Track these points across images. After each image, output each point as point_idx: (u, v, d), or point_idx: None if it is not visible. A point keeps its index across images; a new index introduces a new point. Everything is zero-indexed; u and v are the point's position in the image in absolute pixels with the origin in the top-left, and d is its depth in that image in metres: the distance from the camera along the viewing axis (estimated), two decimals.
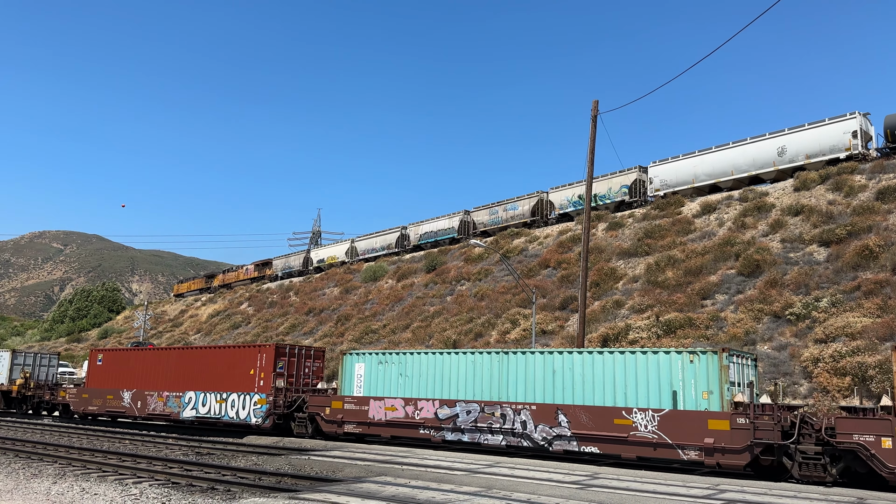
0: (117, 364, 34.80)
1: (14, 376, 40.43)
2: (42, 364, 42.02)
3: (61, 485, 15.01)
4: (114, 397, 33.96)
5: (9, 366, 40.58)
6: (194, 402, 30.25)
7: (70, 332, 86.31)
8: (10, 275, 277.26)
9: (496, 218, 55.78)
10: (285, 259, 76.95)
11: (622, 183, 47.87)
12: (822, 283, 29.71)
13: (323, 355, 31.04)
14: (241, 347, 30.14)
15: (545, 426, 21.09)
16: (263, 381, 27.87)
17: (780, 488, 15.67)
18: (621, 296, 36.14)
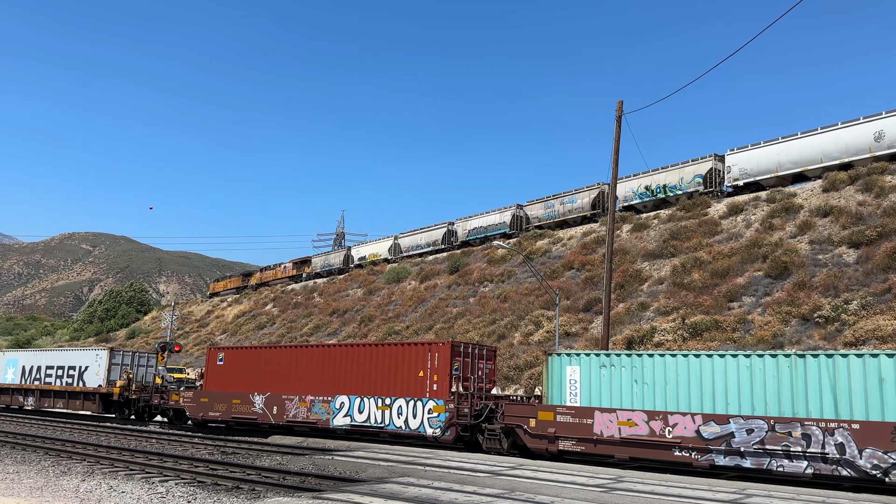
0: (244, 363, 30.19)
1: (112, 377, 36.58)
2: (140, 364, 38.09)
3: (90, 482, 15.23)
4: (242, 402, 29.33)
5: (106, 365, 36.64)
6: (348, 407, 26.01)
7: (99, 332, 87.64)
8: (41, 276, 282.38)
9: (552, 212, 53.05)
10: (325, 257, 75.72)
11: (695, 172, 44.92)
12: (851, 285, 29.21)
13: (495, 355, 27.17)
14: (406, 345, 25.68)
15: (876, 451, 16.17)
16: (438, 385, 23.86)
17: (806, 493, 15.42)
18: (646, 298, 35.84)
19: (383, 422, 24.89)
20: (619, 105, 27.61)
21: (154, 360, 38.62)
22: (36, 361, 40.95)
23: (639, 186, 47.77)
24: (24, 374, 41.68)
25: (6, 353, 44.25)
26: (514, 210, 56.42)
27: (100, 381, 36.65)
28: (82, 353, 38.56)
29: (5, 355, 43.96)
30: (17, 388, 41.99)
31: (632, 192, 48.23)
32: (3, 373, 43.39)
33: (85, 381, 37.45)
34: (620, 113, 27.34)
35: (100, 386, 36.55)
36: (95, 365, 36.84)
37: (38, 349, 40.29)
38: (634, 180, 48.37)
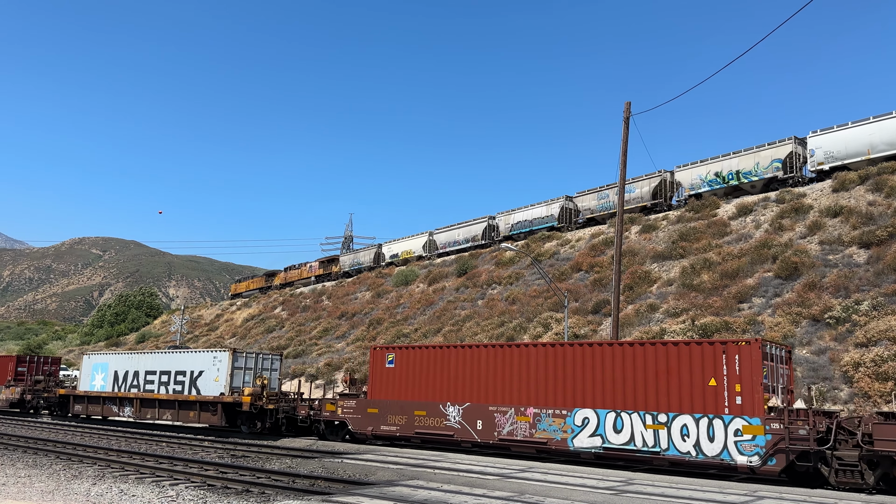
0: (424, 366, 25.14)
1: (235, 383, 30.70)
2: (263, 367, 32.00)
3: (100, 486, 15.30)
4: (429, 413, 24.23)
5: (228, 370, 30.55)
6: (595, 424, 20.83)
7: (109, 336, 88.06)
8: (52, 280, 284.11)
9: (607, 203, 49.23)
10: (353, 255, 73.15)
11: (773, 157, 41.66)
12: (862, 285, 29.03)
13: (791, 357, 21.43)
14: (686, 344, 20.02)
15: None
16: (744, 398, 18.38)
17: (820, 495, 15.31)
18: (655, 299, 35.72)
19: (656, 445, 19.50)
20: (626, 106, 27.52)
21: (279, 363, 32.89)
22: (132, 366, 35.31)
23: (707, 173, 44.42)
24: (116, 381, 35.83)
25: (92, 357, 38.43)
26: (563, 202, 52.97)
27: (220, 388, 30.69)
28: (195, 357, 32.74)
29: (91, 359, 38.31)
30: (110, 397, 36.09)
31: (699, 180, 44.80)
32: (88, 379, 37.64)
33: (199, 388, 31.49)
34: (628, 114, 27.25)
35: (222, 394, 30.47)
36: (213, 369, 31.25)
37: (132, 352, 35.23)
38: (702, 166, 44.88)
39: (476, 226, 59.72)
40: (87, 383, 37.67)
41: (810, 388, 22.04)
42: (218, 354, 31.60)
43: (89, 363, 38.06)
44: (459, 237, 60.76)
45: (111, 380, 36.08)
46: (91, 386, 37.37)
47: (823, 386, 24.09)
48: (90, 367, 37.77)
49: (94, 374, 37.30)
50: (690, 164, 45.82)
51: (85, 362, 38.43)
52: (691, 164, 45.82)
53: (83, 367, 38.21)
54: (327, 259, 75.69)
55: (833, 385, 24.17)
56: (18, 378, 42.60)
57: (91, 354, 38.79)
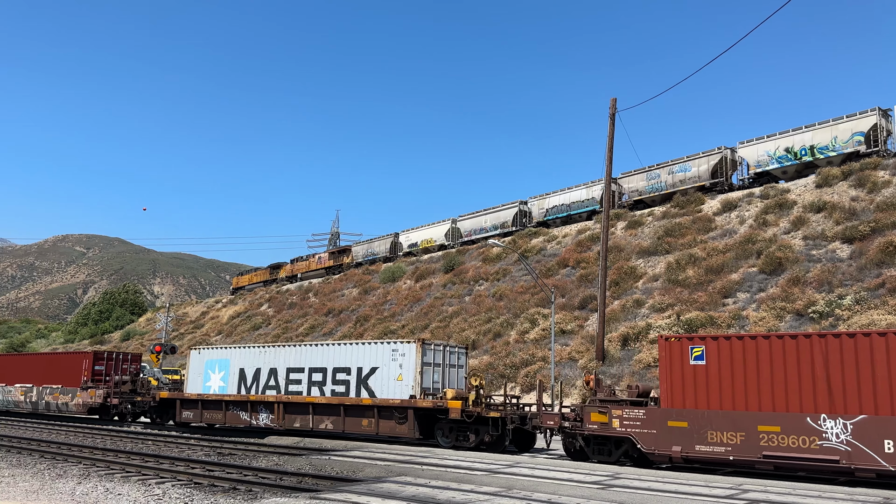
0: (761, 362, 17.39)
1: (426, 383, 24.23)
2: (450, 362, 25.59)
3: (86, 485, 15.18)
4: (785, 429, 16.75)
5: (416, 366, 24.04)
6: None
7: (93, 334, 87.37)
8: (35, 278, 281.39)
9: (657, 183, 46.34)
10: (367, 245, 69.24)
11: (854, 130, 38.27)
12: (845, 280, 29.33)
13: None
14: None
15: None
16: None
17: (805, 488, 15.46)
18: (641, 295, 35.92)
19: None
20: (612, 102, 27.64)
21: (465, 358, 26.68)
22: (267, 362, 28.59)
23: (776, 149, 41.08)
24: (243, 381, 29.04)
25: (204, 352, 31.39)
26: None
27: (407, 389, 24.13)
28: (364, 350, 26.00)
29: (203, 354, 31.28)
30: (236, 401, 28.87)
31: (767, 156, 41.50)
32: (200, 378, 30.72)
33: (372, 389, 25.09)
34: (614, 111, 27.37)
35: (412, 397, 23.83)
36: (392, 366, 24.85)
37: (268, 345, 29.17)
38: (770, 141, 41.47)
39: (505, 211, 56.20)
40: (199, 384, 30.53)
41: None
42: (399, 346, 24.95)
43: (200, 360, 31.16)
44: (486, 224, 57.13)
45: (235, 379, 29.23)
46: (205, 388, 30.22)
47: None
48: (201, 365, 30.89)
49: (209, 372, 30.34)
50: (756, 140, 42.25)
51: (194, 359, 31.42)
52: (756, 140, 42.23)
53: (191, 364, 31.32)
54: (338, 250, 72.23)
55: None
56: (96, 378, 35.87)
57: (202, 349, 31.75)
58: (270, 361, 28.42)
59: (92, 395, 35.04)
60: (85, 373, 36.17)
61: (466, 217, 59.38)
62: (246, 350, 29.61)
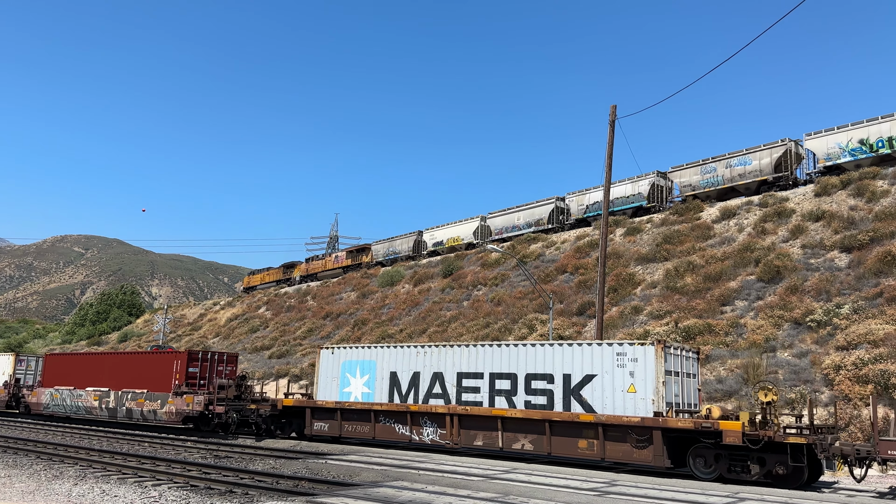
0: None
1: (668, 397, 19.64)
2: (686, 371, 21.20)
3: (82, 486, 15.17)
4: None
5: (657, 375, 19.37)
6: None
7: (90, 335, 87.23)
8: (33, 278, 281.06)
9: (713, 178, 43.70)
10: (389, 243, 66.07)
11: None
12: (843, 289, 29.37)
13: None
14: None
15: None
16: None
17: (799, 496, 15.47)
18: (639, 301, 35.94)
19: None
20: (612, 109, 27.68)
21: (697, 366, 22.17)
22: (427, 365, 24.12)
23: (849, 141, 38.48)
24: (397, 387, 24.66)
25: (338, 352, 26.73)
26: (654, 178, 46.50)
27: (645, 404, 19.27)
28: (574, 352, 21.02)
29: (337, 354, 26.63)
30: (389, 411, 24.44)
31: (838, 149, 38.84)
32: (336, 384, 26.19)
33: (589, 402, 20.29)
34: (614, 117, 27.40)
35: (657, 415, 19.02)
36: (619, 373, 19.96)
37: (428, 345, 24.53)
38: (841, 133, 38.84)
39: (541, 208, 53.34)
40: (334, 390, 26.05)
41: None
42: (629, 349, 20.05)
43: (334, 361, 26.53)
44: (520, 221, 54.16)
45: (384, 385, 24.90)
46: (343, 394, 25.76)
47: (805, 388, 24.34)
48: (336, 367, 26.33)
49: (347, 376, 25.89)
50: (825, 131, 39.64)
51: (325, 360, 26.76)
52: (826, 132, 39.61)
53: (322, 366, 26.79)
54: (357, 248, 69.52)
55: (814, 388, 24.43)
56: (190, 382, 31.10)
57: (336, 348, 26.94)
58: (434, 364, 23.94)
59: (188, 401, 29.90)
60: (177, 375, 31.05)
61: (497, 214, 56.61)
62: (398, 350, 25.12)
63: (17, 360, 42.35)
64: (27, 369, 42.45)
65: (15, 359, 42.34)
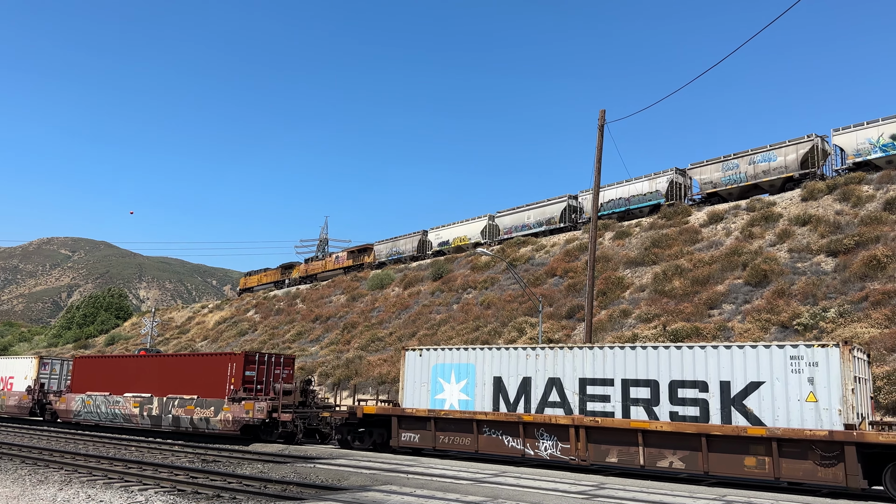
0: None
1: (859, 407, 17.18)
2: (860, 376, 18.05)
3: (67, 491, 15.05)
4: None
5: (845, 382, 16.77)
6: None
7: (77, 338, 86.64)
8: (19, 281, 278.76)
9: (736, 175, 42.39)
10: (392, 243, 64.82)
11: None
12: (829, 293, 29.61)
13: None
14: None
15: None
16: None
17: (786, 499, 15.57)
18: (628, 305, 36.09)
19: None
20: (601, 114, 27.80)
21: (868, 369, 19.33)
22: (540, 369, 21.35)
23: (880, 136, 37.09)
24: (502, 394, 21.90)
25: (426, 355, 23.91)
26: (673, 175, 45.48)
27: (830, 415, 16.79)
28: (734, 355, 18.33)
29: (425, 357, 23.87)
30: (495, 422, 21.69)
31: (869, 144, 37.55)
32: (426, 389, 23.50)
33: (755, 413, 17.70)
34: (603, 122, 27.53)
35: (849, 427, 16.51)
36: (793, 379, 17.40)
37: (537, 346, 21.80)
38: (871, 128, 37.51)
39: (552, 206, 52.12)
40: (424, 396, 23.43)
41: None
42: (806, 352, 17.37)
43: (422, 364, 23.80)
44: (530, 220, 53.12)
45: (487, 392, 22.17)
46: (435, 402, 23.08)
47: None
48: (425, 371, 23.62)
49: (439, 381, 23.17)
50: (853, 127, 38.53)
51: (412, 363, 24.07)
52: (855, 127, 38.48)
53: (409, 370, 24.06)
54: (358, 248, 68.14)
55: None
56: (247, 386, 28.48)
57: (424, 350, 24.12)
58: (549, 369, 21.26)
59: (248, 408, 27.16)
60: (232, 380, 28.48)
61: (506, 213, 55.65)
62: (503, 353, 22.31)
63: (41, 363, 39.74)
64: (51, 373, 39.79)
65: (39, 362, 39.73)
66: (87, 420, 33.87)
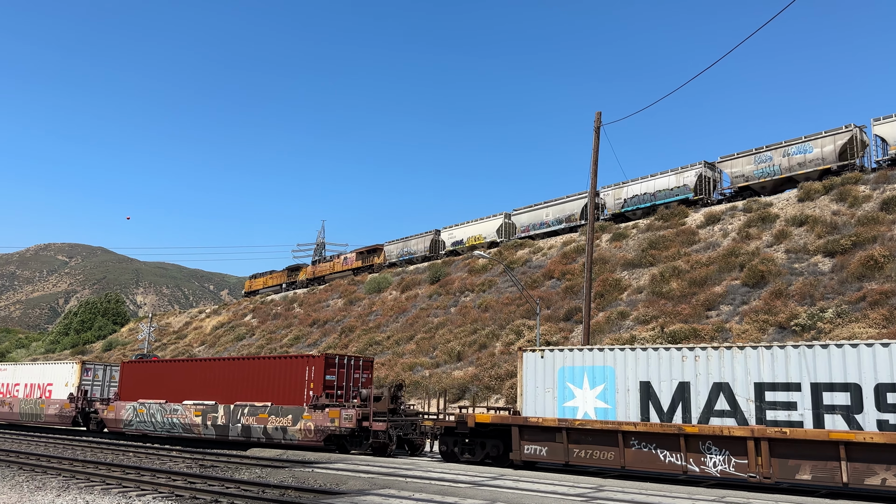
0: None
1: None
2: None
3: (65, 497, 14.99)
4: None
5: None
6: None
7: (74, 344, 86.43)
8: (16, 287, 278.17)
9: (769, 167, 40.83)
10: (403, 243, 63.52)
11: None
12: (827, 293, 29.63)
13: None
14: None
15: None
16: None
17: (784, 499, 15.55)
18: (626, 307, 36.09)
19: None
20: (597, 116, 27.82)
21: None
22: (701, 373, 18.59)
23: None
24: (652, 401, 18.99)
25: (549, 356, 21.01)
26: (702, 168, 43.96)
27: None
28: None
29: (548, 360, 20.98)
30: (646, 434, 18.76)
31: None
32: (552, 395, 20.61)
33: None
34: (599, 124, 27.55)
35: None
36: None
37: (693, 346, 19.17)
38: None
39: (572, 203, 50.71)
40: (550, 403, 20.61)
41: None
42: None
43: (545, 367, 21.01)
44: (548, 218, 51.58)
45: (632, 399, 19.27)
46: (564, 410, 20.22)
47: None
48: (550, 375, 20.83)
49: (568, 386, 20.39)
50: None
51: (530, 365, 21.25)
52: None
53: (527, 372, 21.24)
54: (367, 249, 66.84)
55: None
56: (328, 392, 26.03)
57: (545, 351, 21.20)
58: (712, 372, 18.47)
59: (333, 416, 24.64)
60: (311, 385, 25.92)
61: (523, 210, 54.26)
62: (651, 354, 19.41)
63: (83, 368, 37.08)
64: (94, 379, 37.24)
65: (81, 368, 37.06)
66: (141, 430, 31.36)
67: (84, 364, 37.50)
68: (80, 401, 35.81)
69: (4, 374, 40.75)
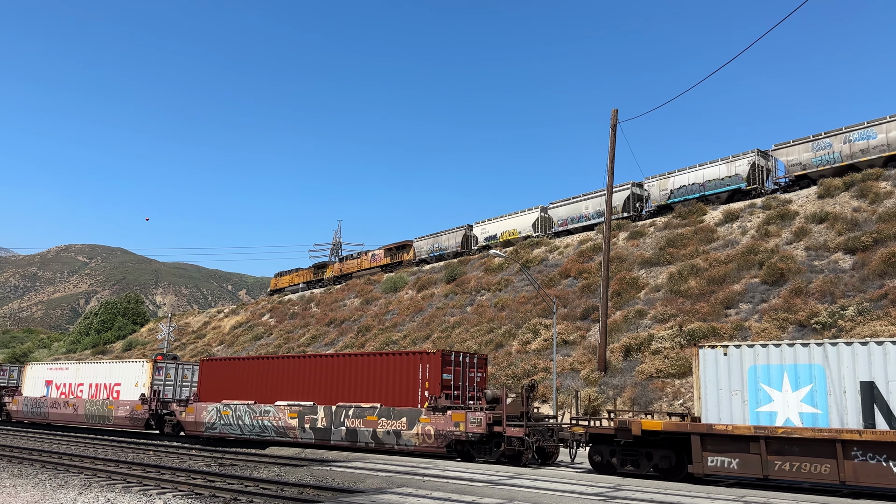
0: None
1: None
2: None
3: (87, 495, 15.16)
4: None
5: None
6: None
7: (95, 344, 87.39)
8: (37, 288, 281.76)
9: (829, 154, 38.76)
10: (434, 239, 61.64)
11: None
12: (847, 291, 29.29)
13: None
14: None
15: None
16: None
17: (806, 499, 15.40)
18: (643, 305, 35.89)
19: None
20: (613, 114, 27.72)
21: None
22: None
23: None
24: (878, 403, 15.91)
25: (735, 353, 17.91)
26: (754, 157, 41.76)
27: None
28: None
29: (733, 357, 17.90)
30: (878, 443, 15.50)
31: None
32: (741, 398, 17.60)
33: None
34: (615, 121, 27.44)
35: None
36: None
37: None
38: None
39: (615, 195, 47.36)
40: (738, 408, 17.57)
41: None
42: None
43: (730, 366, 17.94)
44: (588, 210, 49.70)
45: (851, 402, 16.19)
46: (757, 415, 17.25)
47: None
48: (737, 375, 17.79)
49: (763, 388, 17.32)
50: None
51: (710, 364, 18.24)
52: None
53: (706, 372, 18.26)
54: (397, 245, 65.13)
55: None
56: (445, 391, 23.64)
57: (730, 347, 18.14)
58: None
59: (457, 419, 22.29)
60: (426, 384, 23.61)
61: (560, 203, 52.28)
62: (871, 349, 16.20)
63: (154, 367, 34.66)
64: (165, 379, 34.88)
65: (153, 367, 34.65)
66: (226, 434, 29.05)
67: (156, 363, 35.20)
68: (154, 402, 33.57)
69: (66, 373, 38.42)
